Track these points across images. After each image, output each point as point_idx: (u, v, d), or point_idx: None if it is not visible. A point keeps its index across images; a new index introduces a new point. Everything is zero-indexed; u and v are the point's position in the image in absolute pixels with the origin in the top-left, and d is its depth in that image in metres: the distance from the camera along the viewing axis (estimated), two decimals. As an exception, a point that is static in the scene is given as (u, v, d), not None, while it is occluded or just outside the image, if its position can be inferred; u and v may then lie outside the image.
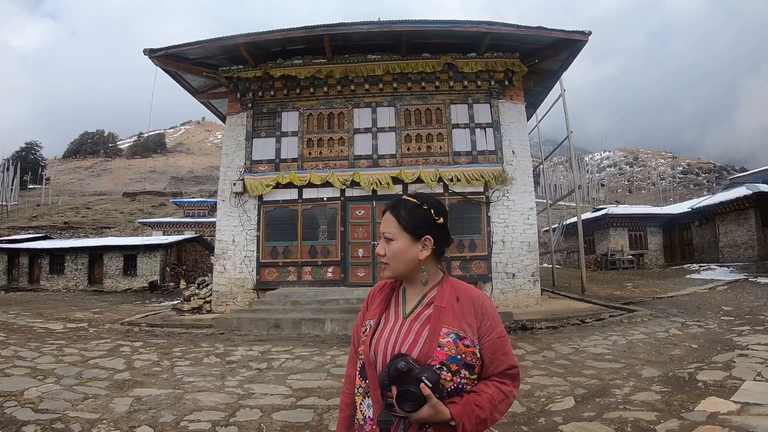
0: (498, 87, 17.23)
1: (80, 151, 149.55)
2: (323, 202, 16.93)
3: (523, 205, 16.54)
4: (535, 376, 7.72)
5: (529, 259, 16.24)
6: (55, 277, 35.14)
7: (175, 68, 17.96)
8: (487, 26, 15.79)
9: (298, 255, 16.78)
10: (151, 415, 6.29)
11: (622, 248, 33.58)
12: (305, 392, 7.27)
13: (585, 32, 15.65)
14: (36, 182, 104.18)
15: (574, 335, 11.21)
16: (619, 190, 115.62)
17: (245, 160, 17.56)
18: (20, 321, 15.09)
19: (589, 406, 6.08)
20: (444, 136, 17.09)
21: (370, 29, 16.04)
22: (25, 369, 8.68)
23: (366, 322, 2.15)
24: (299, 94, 17.76)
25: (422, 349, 1.92)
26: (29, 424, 5.88)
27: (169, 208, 71.36)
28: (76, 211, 77.63)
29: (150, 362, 9.37)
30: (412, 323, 2.01)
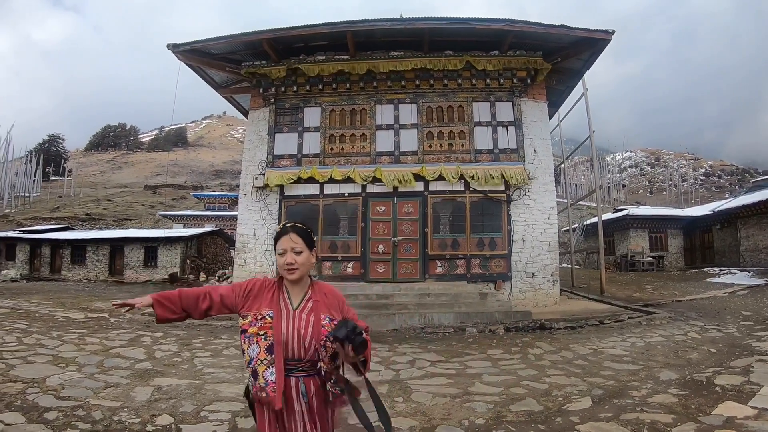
0: (520, 85, 17.18)
1: (102, 143, 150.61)
2: (344, 197, 16.96)
3: (543, 204, 16.49)
4: (553, 375, 7.71)
5: (548, 259, 16.19)
6: (77, 267, 35.58)
7: (198, 63, 18.07)
8: (509, 24, 15.69)
9: (318, 250, 16.63)
10: (172, 404, 6.39)
11: (642, 250, 33.25)
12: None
13: (608, 31, 15.54)
14: (58, 174, 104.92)
15: (592, 336, 11.16)
16: (640, 191, 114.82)
17: (267, 155, 17.64)
18: (42, 310, 15.28)
19: (606, 407, 6.07)
20: (466, 133, 17.06)
21: (392, 26, 16.06)
22: (47, 357, 8.81)
23: (263, 312, 2.88)
24: (322, 90, 17.82)
25: (313, 329, 2.86)
26: (51, 410, 5.98)
27: (190, 201, 71.69)
28: (97, 202, 78.24)
29: (170, 353, 9.49)
30: (301, 313, 2.92)
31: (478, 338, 11.36)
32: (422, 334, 12.10)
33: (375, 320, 12.83)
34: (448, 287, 15.35)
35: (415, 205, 16.63)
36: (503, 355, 9.48)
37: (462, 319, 12.94)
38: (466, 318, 13.00)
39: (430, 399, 6.65)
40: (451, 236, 16.41)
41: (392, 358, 9.27)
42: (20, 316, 13.58)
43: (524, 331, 12.08)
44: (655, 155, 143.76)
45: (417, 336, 11.88)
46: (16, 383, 7.04)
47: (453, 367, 8.49)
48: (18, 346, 9.62)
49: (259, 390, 2.79)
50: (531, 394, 6.72)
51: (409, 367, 8.56)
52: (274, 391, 2.76)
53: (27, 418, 5.70)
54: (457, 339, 11.34)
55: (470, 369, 8.36)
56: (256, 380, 2.80)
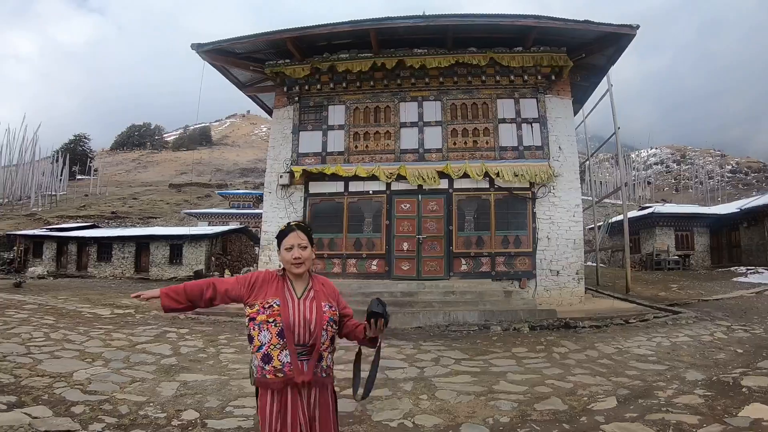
0: (545, 82, 17.07)
1: (127, 143, 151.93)
2: (369, 195, 17.01)
3: (569, 201, 16.37)
4: (578, 374, 7.66)
5: (574, 257, 16.08)
6: (103, 264, 36.05)
7: (222, 62, 18.23)
8: (533, 20, 15.59)
9: (343, 247, 16.88)
10: (197, 399, 6.46)
11: (667, 248, 32.89)
12: (348, 382, 7.29)
13: (633, 26, 15.35)
14: (84, 173, 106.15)
15: (617, 335, 11.06)
16: (665, 189, 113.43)
17: (292, 153, 17.72)
18: (69, 306, 15.42)
19: (631, 407, 6.02)
20: (490, 130, 16.99)
21: (416, 23, 16.01)
22: (74, 352, 8.92)
23: (270, 301, 3.14)
24: (346, 88, 17.86)
25: (317, 315, 3.15)
26: (78, 404, 6.07)
27: (215, 200, 72.10)
28: (123, 201, 78.84)
29: (196, 349, 9.56)
30: (305, 302, 3.19)
31: (502, 336, 11.32)
32: (447, 331, 12.09)
33: (400, 318, 12.86)
34: (472, 285, 15.31)
35: (440, 202, 16.61)
36: (528, 353, 9.44)
37: (487, 317, 12.89)
38: (491, 316, 12.95)
39: (455, 397, 6.64)
40: (475, 234, 16.37)
41: (417, 356, 9.26)
42: (48, 312, 13.70)
43: (549, 329, 12.02)
44: (681, 152, 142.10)
45: (441, 334, 11.86)
46: (43, 377, 7.14)
47: (477, 365, 8.46)
48: (45, 341, 9.73)
49: (275, 371, 3.06)
50: (556, 393, 6.69)
51: (434, 365, 8.54)
52: (291, 371, 3.05)
53: (54, 411, 5.78)
54: (482, 337, 11.31)
55: (495, 367, 8.33)
56: (270, 363, 3.07)
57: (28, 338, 9.88)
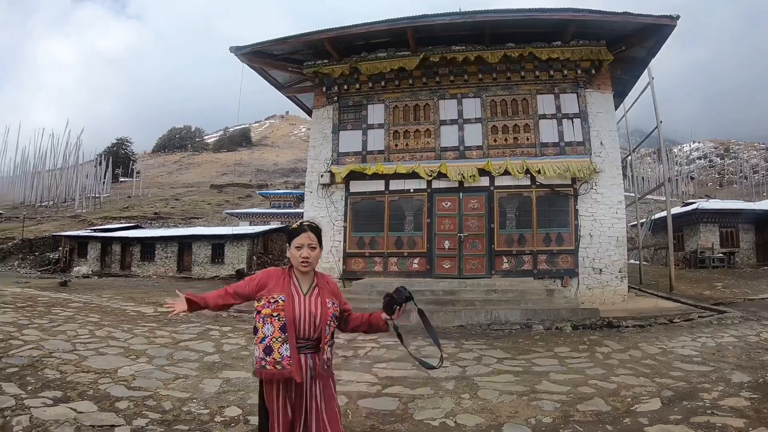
0: (584, 76, 16.85)
1: (168, 145, 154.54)
2: (410, 193, 17.00)
3: (611, 198, 16.13)
4: (621, 375, 7.51)
5: (616, 255, 15.83)
6: (146, 264, 36.72)
7: (260, 65, 18.42)
8: (571, 13, 15.36)
9: (384, 246, 16.93)
10: (240, 396, 6.50)
11: (712, 246, 32.13)
12: (391, 381, 7.35)
13: (673, 17, 15.00)
14: (127, 175, 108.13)
15: (661, 335, 10.83)
16: (709, 184, 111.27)
17: (332, 152, 17.85)
18: (113, 304, 15.64)
19: (675, 409, 5.88)
20: (530, 127, 16.84)
21: (453, 20, 15.96)
22: (118, 349, 9.05)
23: (276, 296, 3.34)
24: (384, 87, 17.89)
25: (322, 310, 3.37)
26: (122, 400, 6.17)
27: (255, 200, 72.58)
28: (165, 202, 79.92)
29: (238, 346, 9.62)
30: (310, 297, 3.40)
31: (544, 335, 11.20)
32: (488, 330, 12.01)
33: (441, 316, 12.82)
34: (514, 283, 15.16)
35: (481, 200, 16.53)
36: (570, 353, 9.32)
37: (528, 316, 12.78)
38: (533, 315, 12.84)
39: (497, 396, 6.57)
40: (517, 231, 16.24)
41: (459, 355, 9.22)
42: (92, 310, 13.93)
43: (592, 328, 11.84)
44: (724, 145, 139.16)
45: (483, 333, 11.79)
46: (88, 373, 7.27)
47: (520, 365, 8.39)
48: (90, 338, 9.90)
49: (275, 363, 3.25)
50: (599, 394, 6.57)
51: (476, 364, 8.49)
52: (290, 365, 3.24)
53: (99, 406, 5.88)
54: (524, 336, 11.21)
55: (537, 367, 8.25)
56: (270, 355, 3.27)
57: (73, 335, 10.06)
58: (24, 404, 5.76)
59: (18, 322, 11.15)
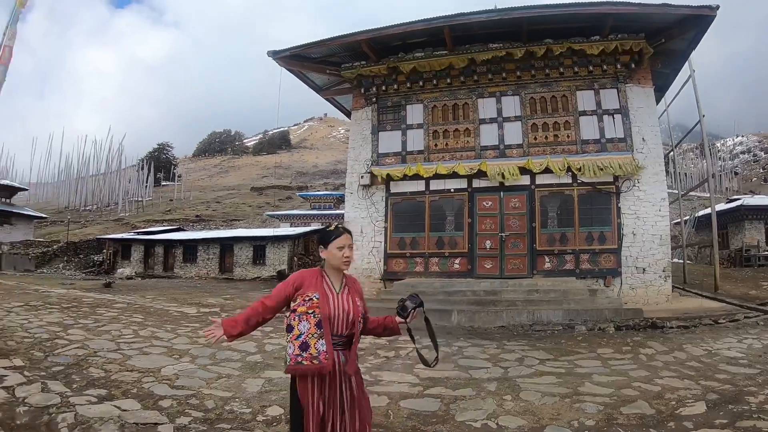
0: (624, 70, 16.55)
1: (209, 149, 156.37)
2: (450, 193, 16.97)
3: (654, 195, 15.83)
4: (666, 377, 7.38)
5: (660, 253, 15.53)
6: (188, 265, 37.18)
7: (298, 68, 18.59)
8: (608, 7, 15.07)
9: (425, 246, 16.93)
10: (282, 396, 6.49)
11: (757, 243, 31.38)
12: (432, 382, 7.33)
13: (712, 7, 14.63)
14: (168, 179, 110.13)
15: (706, 336, 10.62)
16: (753, 179, 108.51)
17: (372, 153, 17.94)
18: (156, 305, 15.94)
19: (721, 413, 5.73)
20: (571, 123, 16.63)
21: (489, 18, 15.80)
22: (161, 348, 9.24)
23: (310, 294, 3.49)
24: (423, 87, 17.87)
25: (354, 308, 3.57)
26: (166, 398, 6.30)
27: (296, 201, 73.02)
28: (206, 205, 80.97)
29: (280, 347, 9.65)
30: (342, 296, 3.58)
31: (587, 336, 11.08)
32: (530, 331, 11.94)
33: (482, 317, 12.84)
34: (556, 283, 15.01)
35: (522, 199, 16.40)
36: (614, 354, 9.20)
37: (571, 317, 12.67)
38: (575, 315, 12.71)
39: (539, 398, 6.52)
40: (559, 231, 16.08)
41: (501, 356, 9.17)
42: (136, 311, 14.25)
43: (635, 329, 11.65)
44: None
45: (525, 333, 11.72)
46: (132, 372, 7.43)
47: (562, 366, 8.31)
48: (134, 338, 10.13)
49: (311, 358, 3.40)
50: (642, 397, 6.46)
51: (518, 365, 8.44)
52: (326, 359, 3.39)
53: (142, 405, 6.01)
54: (566, 337, 11.11)
55: (580, 368, 8.16)
56: (306, 351, 3.42)
57: (117, 335, 10.31)
58: (69, 402, 5.91)
59: (63, 322, 11.50)
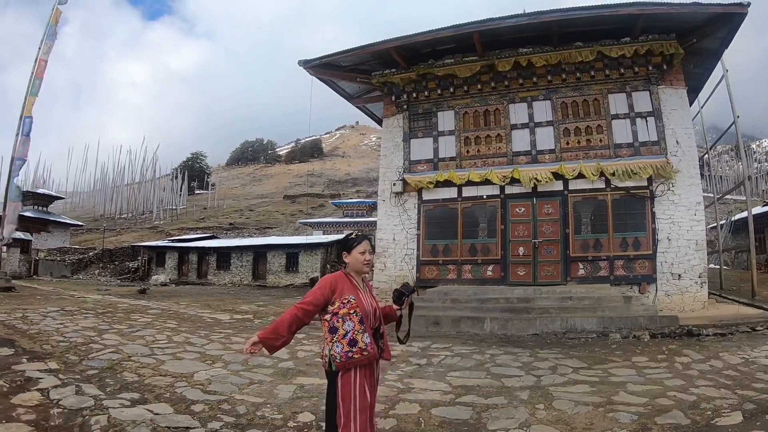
0: (656, 72, 16.31)
1: (241, 158, 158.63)
2: (483, 200, 16.93)
3: (689, 199, 15.55)
4: (702, 386, 7.22)
5: (696, 259, 15.22)
6: (222, 272, 37.76)
7: (329, 76, 18.78)
8: (637, 8, 14.83)
9: (458, 253, 16.87)
10: (313, 402, 6.60)
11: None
12: (464, 390, 7.32)
13: (743, 4, 14.32)
14: (202, 188, 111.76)
15: (743, 344, 10.32)
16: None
17: (404, 161, 18.00)
18: (190, 311, 16.19)
19: (758, 423, 5.61)
20: (603, 127, 16.45)
21: (518, 22, 15.72)
22: (195, 354, 9.39)
23: (347, 297, 3.96)
24: (453, 93, 17.89)
25: (377, 304, 4.17)
26: (198, 403, 6.41)
27: (328, 209, 73.36)
28: (240, 213, 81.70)
29: (312, 353, 9.73)
30: (367, 294, 4.14)
31: (622, 344, 10.90)
32: (564, 339, 11.82)
33: (516, 324, 12.74)
34: (590, 290, 14.78)
35: (555, 205, 16.28)
36: (648, 362, 9.05)
37: (605, 324, 12.48)
38: (610, 323, 12.52)
39: (572, 407, 6.45)
40: (593, 236, 15.89)
41: (533, 364, 9.11)
42: (170, 317, 14.50)
43: (670, 337, 11.43)
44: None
45: (558, 341, 11.61)
46: (165, 377, 7.57)
47: (596, 375, 8.22)
48: (168, 343, 10.31)
49: (361, 351, 3.88)
50: (678, 406, 6.35)
51: (551, 373, 8.37)
52: (373, 348, 3.95)
53: (175, 409, 6.12)
54: (600, 345, 10.96)
55: (614, 377, 8.06)
56: (356, 345, 3.88)
57: (151, 340, 10.50)
58: (102, 405, 6.05)
59: (98, 327, 11.78)
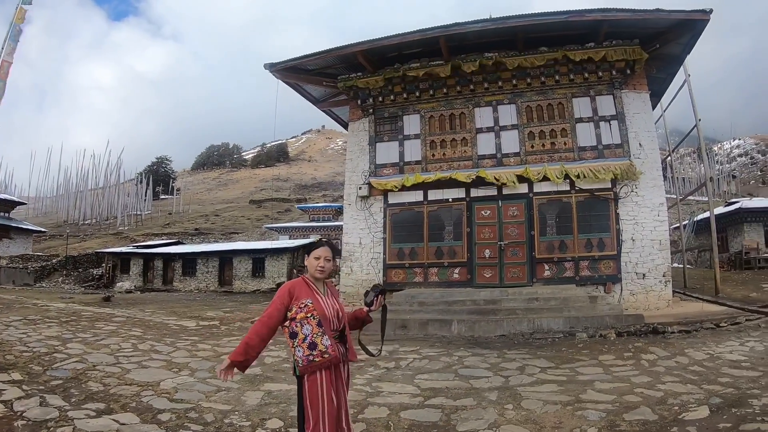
0: (620, 76, 16.57)
1: (207, 163, 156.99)
2: (448, 203, 16.95)
3: (652, 200, 15.80)
4: (668, 382, 7.38)
5: (660, 258, 15.48)
6: (188, 278, 37.49)
7: (295, 80, 18.68)
8: (600, 14, 15.11)
9: (424, 256, 16.88)
10: (282, 408, 6.57)
11: (757, 246, 31.34)
12: (433, 392, 7.35)
13: (706, 11, 14.63)
14: (167, 193, 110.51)
15: (708, 340, 10.59)
16: (751, 182, 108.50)
17: (369, 165, 17.95)
18: (156, 319, 16.00)
19: (724, 417, 5.71)
20: (567, 131, 16.66)
21: (484, 27, 15.86)
22: (161, 362, 9.28)
23: (304, 301, 4.02)
24: (419, 97, 17.92)
25: (339, 306, 4.24)
26: (165, 412, 6.33)
27: (294, 214, 73.04)
28: (205, 218, 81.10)
29: (280, 359, 9.69)
30: (328, 298, 4.18)
31: (588, 343, 11.03)
32: (531, 339, 11.92)
33: (483, 326, 12.83)
34: (556, 291, 14.98)
35: (520, 207, 16.39)
36: (615, 361, 9.19)
37: (572, 324, 12.63)
38: (576, 323, 12.67)
39: (541, 406, 6.52)
40: (558, 238, 16.05)
41: (501, 365, 9.16)
42: (135, 325, 14.29)
43: (636, 335, 11.64)
44: (766, 141, 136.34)
45: (526, 342, 11.70)
46: (131, 386, 7.45)
47: (563, 374, 8.31)
48: (133, 351, 10.16)
49: (322, 354, 3.93)
50: (645, 403, 6.46)
51: (519, 374, 8.44)
52: (333, 350, 4.00)
53: (141, 418, 6.04)
54: (567, 344, 11.07)
55: (581, 376, 8.16)
56: (316, 348, 3.94)
57: (116, 349, 10.34)
58: (67, 416, 5.94)
59: (62, 336, 11.56)
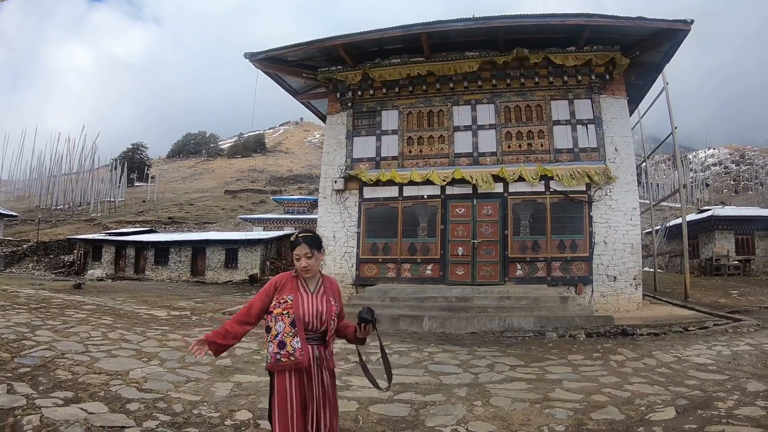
0: (599, 81, 16.71)
1: (183, 151, 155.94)
2: (423, 199, 16.97)
3: (626, 204, 15.98)
4: (636, 383, 7.44)
5: (631, 262, 15.68)
6: (160, 268, 37.02)
7: (275, 71, 18.53)
8: (585, 19, 15.24)
9: (397, 252, 16.89)
10: (251, 400, 6.53)
11: (727, 253, 31.79)
12: (402, 387, 7.32)
13: (687, 21, 14.77)
14: (142, 180, 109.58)
15: (676, 343, 10.70)
16: (724, 191, 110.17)
17: (346, 159, 17.90)
18: (126, 307, 15.75)
19: (690, 418, 5.80)
20: (545, 133, 16.75)
21: (467, 26, 15.88)
22: (130, 351, 9.13)
23: (285, 297, 3.81)
24: (398, 93, 17.90)
25: (327, 308, 3.88)
26: (133, 401, 6.22)
27: (269, 205, 72.71)
28: (179, 207, 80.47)
29: (250, 351, 9.63)
30: (317, 296, 3.90)
31: (558, 343, 11.12)
32: (502, 337, 11.98)
33: (454, 323, 12.87)
34: (528, 290, 15.04)
35: (495, 206, 16.45)
36: (584, 361, 9.26)
37: (542, 324, 12.72)
38: (547, 322, 12.77)
39: (509, 404, 6.54)
40: (531, 238, 16.14)
41: (471, 362, 9.19)
42: (106, 313, 14.04)
43: (606, 336, 11.74)
44: (740, 152, 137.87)
45: (496, 339, 11.75)
46: (100, 375, 7.33)
47: (533, 372, 8.35)
48: (103, 340, 9.98)
49: (289, 355, 3.69)
50: (612, 402, 6.51)
51: (489, 371, 8.46)
52: (302, 355, 3.70)
53: (110, 408, 5.93)
54: (537, 343, 11.13)
55: (550, 374, 8.21)
56: (284, 349, 3.71)
57: (86, 337, 10.14)
58: (35, 404, 5.82)
59: (31, 323, 11.26)
